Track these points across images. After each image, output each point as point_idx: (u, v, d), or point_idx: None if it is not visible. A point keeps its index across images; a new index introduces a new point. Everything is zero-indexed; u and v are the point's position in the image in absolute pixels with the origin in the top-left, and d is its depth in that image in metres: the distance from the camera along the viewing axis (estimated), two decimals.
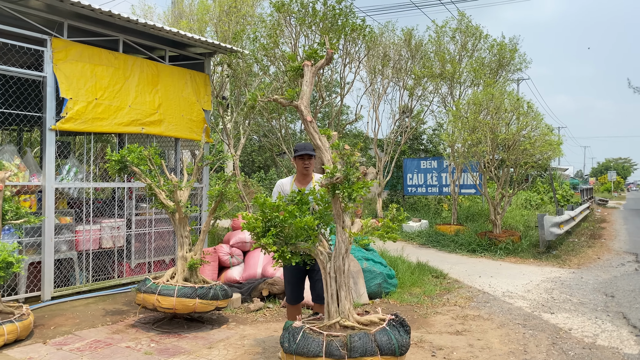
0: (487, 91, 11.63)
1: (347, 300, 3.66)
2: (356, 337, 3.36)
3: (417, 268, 8.68)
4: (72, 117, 6.53)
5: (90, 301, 6.62)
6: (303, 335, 3.47)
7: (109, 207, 7.71)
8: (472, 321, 6.02)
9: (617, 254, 11.42)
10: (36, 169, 6.83)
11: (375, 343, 3.34)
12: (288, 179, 4.78)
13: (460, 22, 14.29)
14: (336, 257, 3.73)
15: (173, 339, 5.22)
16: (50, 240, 6.43)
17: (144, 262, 7.77)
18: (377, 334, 3.42)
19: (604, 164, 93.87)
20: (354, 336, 3.37)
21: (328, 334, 3.43)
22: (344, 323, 3.58)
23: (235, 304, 6.48)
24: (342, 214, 3.75)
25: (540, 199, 20.86)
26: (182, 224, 5.75)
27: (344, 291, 3.66)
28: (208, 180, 8.56)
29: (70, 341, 5.08)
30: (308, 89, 4.13)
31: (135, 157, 5.60)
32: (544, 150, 10.93)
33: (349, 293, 3.69)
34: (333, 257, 3.73)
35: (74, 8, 6.42)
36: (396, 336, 3.46)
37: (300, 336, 3.47)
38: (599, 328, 5.75)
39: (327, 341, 3.37)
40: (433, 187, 16.66)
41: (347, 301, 3.65)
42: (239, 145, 11.17)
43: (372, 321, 3.65)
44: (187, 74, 8.17)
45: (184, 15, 12.60)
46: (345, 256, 3.69)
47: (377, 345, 3.34)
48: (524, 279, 8.60)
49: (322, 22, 9.42)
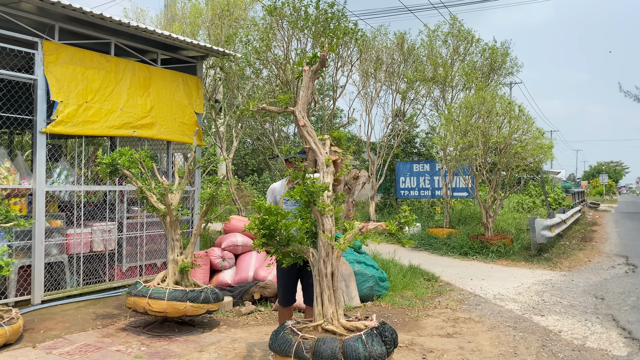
0: (479, 95, 11.69)
1: (331, 303, 3.65)
2: (322, 341, 3.35)
3: (409, 271, 8.70)
4: (63, 120, 6.52)
5: (81, 305, 6.59)
6: (282, 334, 3.57)
7: (101, 211, 7.68)
8: (463, 324, 6.04)
9: (608, 256, 11.49)
10: (27, 172, 6.80)
11: (340, 350, 3.30)
12: (280, 182, 4.81)
13: (452, 26, 14.38)
14: (318, 261, 3.74)
15: (164, 342, 5.21)
16: (40, 243, 6.40)
17: (135, 265, 7.75)
18: (346, 341, 3.36)
19: (596, 168, 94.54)
20: (320, 340, 3.37)
21: (302, 336, 3.47)
22: (326, 327, 3.58)
23: (227, 308, 6.46)
24: (320, 217, 3.76)
25: (532, 202, 20.97)
26: (173, 227, 5.74)
27: (327, 294, 3.65)
28: (200, 183, 8.54)
29: (60, 345, 5.05)
30: (304, 93, 4.15)
31: (126, 160, 5.59)
32: (535, 154, 11.00)
33: (333, 296, 3.68)
34: (317, 260, 3.74)
35: (65, 11, 6.41)
36: (367, 346, 3.36)
37: (280, 334, 3.59)
38: (589, 330, 5.79)
39: (298, 342, 3.41)
40: (426, 190, 16.71)
41: (330, 304, 3.65)
42: (231, 149, 11.17)
43: (358, 327, 3.61)
44: (180, 77, 8.17)
45: (176, 19, 12.60)
46: (326, 259, 3.68)
47: (342, 353, 3.29)
48: (515, 281, 8.64)
49: (314, 25, 9.44)
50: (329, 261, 3.68)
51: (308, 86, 4.12)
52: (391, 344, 3.52)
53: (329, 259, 3.68)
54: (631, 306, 6.87)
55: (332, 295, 3.66)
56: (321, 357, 3.28)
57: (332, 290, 3.67)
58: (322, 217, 3.78)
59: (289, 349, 3.42)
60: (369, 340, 3.38)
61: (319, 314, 3.67)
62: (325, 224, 3.78)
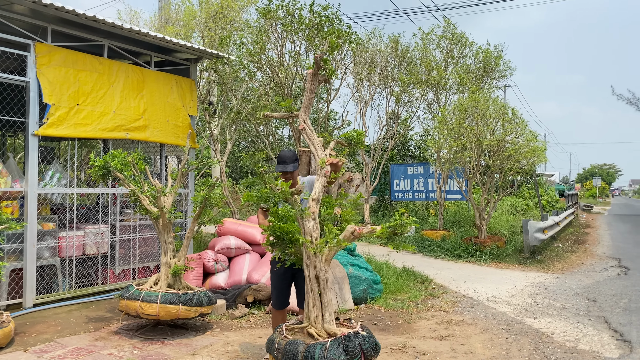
0: (472, 98, 11.74)
1: (315, 307, 3.66)
2: (288, 344, 3.51)
3: (402, 273, 8.71)
4: (55, 123, 6.49)
5: (73, 308, 6.56)
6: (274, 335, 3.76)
7: (93, 213, 7.65)
8: (456, 326, 6.05)
9: (601, 259, 11.55)
10: (19, 175, 6.76)
11: (301, 354, 3.39)
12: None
13: (445, 30, 14.43)
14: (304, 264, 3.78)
15: (156, 345, 5.19)
16: (32, 246, 6.36)
17: (128, 268, 7.71)
18: (310, 346, 3.43)
19: (589, 170, 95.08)
20: (287, 342, 3.52)
21: (284, 337, 3.65)
22: (309, 330, 3.61)
23: (220, 311, 6.45)
24: (300, 220, 3.79)
25: (525, 204, 21.04)
26: (166, 230, 5.73)
27: (311, 298, 3.67)
28: (194, 186, 8.52)
29: (51, 349, 5.02)
30: (306, 97, 4.16)
31: (118, 162, 5.57)
32: (528, 157, 11.05)
33: (318, 300, 3.69)
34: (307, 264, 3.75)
35: (58, 13, 6.39)
36: (325, 354, 3.36)
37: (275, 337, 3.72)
38: (581, 332, 5.81)
39: (278, 342, 3.62)
40: (420, 193, 16.74)
41: (314, 308, 3.66)
42: (225, 151, 11.15)
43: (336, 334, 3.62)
44: (173, 80, 8.16)
45: (170, 21, 12.59)
46: (309, 262, 3.71)
47: (302, 357, 3.38)
48: (508, 284, 8.66)
49: (308, 28, 9.45)
50: (311, 264, 3.68)
51: (311, 89, 4.12)
52: (354, 354, 3.43)
53: (312, 262, 3.68)
54: (623, 308, 6.91)
55: (316, 298, 3.66)
56: (285, 357, 3.47)
57: (317, 293, 3.67)
58: (302, 220, 3.78)
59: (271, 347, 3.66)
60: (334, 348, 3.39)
61: (306, 316, 3.71)
62: (305, 227, 3.77)
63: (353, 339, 3.50)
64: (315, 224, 3.83)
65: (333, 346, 3.40)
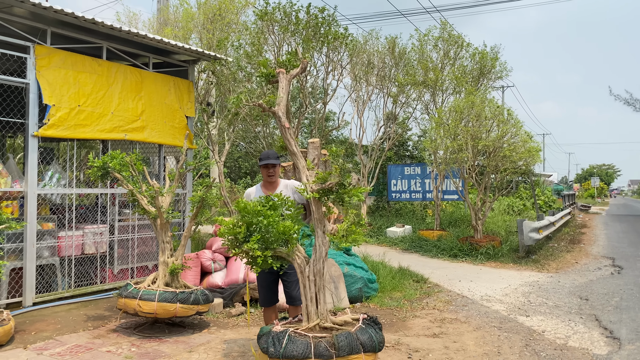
0: (468, 99, 11.84)
1: (325, 302, 3.77)
2: (342, 336, 3.47)
3: (398, 273, 8.80)
4: (55, 124, 6.58)
5: (72, 307, 6.65)
6: (289, 339, 3.50)
7: (92, 213, 7.74)
8: (450, 324, 6.15)
9: (595, 258, 11.66)
10: (18, 175, 6.85)
11: (359, 341, 3.47)
12: (255, 187, 4.97)
13: (442, 31, 14.53)
14: (317, 261, 3.82)
15: (154, 343, 5.28)
16: (32, 246, 6.45)
17: (127, 267, 7.80)
18: (358, 332, 3.54)
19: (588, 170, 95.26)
20: (339, 336, 3.47)
21: (314, 336, 3.51)
22: (324, 324, 3.70)
23: (217, 309, 6.54)
24: (323, 218, 3.86)
25: (522, 204, 21.15)
26: (163, 229, 5.82)
27: (323, 294, 3.77)
28: (192, 186, 8.61)
29: (50, 346, 5.11)
30: (285, 96, 4.25)
31: (117, 163, 5.66)
32: (523, 157, 11.15)
33: (324, 296, 3.79)
34: (313, 261, 3.82)
35: (57, 15, 6.49)
36: (374, 334, 3.60)
37: (286, 340, 3.50)
38: (572, 330, 5.91)
39: (315, 342, 3.44)
40: (417, 193, 16.84)
41: (324, 303, 3.76)
42: (223, 152, 11.24)
43: (346, 321, 3.76)
44: (171, 81, 8.25)
45: (169, 23, 12.68)
46: (325, 259, 3.80)
47: (361, 343, 3.47)
48: (502, 283, 8.76)
49: (304, 30, 9.55)
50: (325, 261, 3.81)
51: (286, 88, 4.23)
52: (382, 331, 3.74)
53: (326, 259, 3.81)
54: (614, 306, 7.01)
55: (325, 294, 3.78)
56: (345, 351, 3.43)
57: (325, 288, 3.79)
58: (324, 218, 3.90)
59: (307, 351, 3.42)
60: (371, 329, 3.64)
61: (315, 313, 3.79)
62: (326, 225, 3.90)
63: (376, 320, 3.75)
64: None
65: (370, 327, 3.64)
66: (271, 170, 4.78)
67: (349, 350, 3.41)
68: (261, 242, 3.75)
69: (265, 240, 3.78)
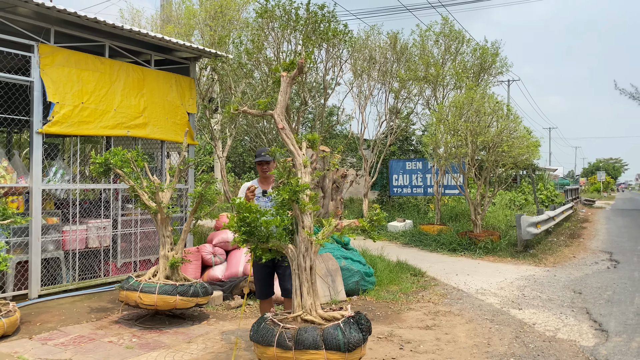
0: (468, 94, 11.93)
1: (310, 295, 3.90)
2: (304, 330, 3.58)
3: (396, 266, 8.95)
4: (59, 121, 6.75)
5: (77, 299, 6.84)
6: (263, 325, 3.75)
7: (96, 208, 7.92)
8: (443, 317, 6.29)
9: (593, 252, 11.76)
10: (24, 171, 7.04)
11: (321, 337, 3.54)
12: (253, 181, 5.15)
13: (443, 26, 14.60)
14: (297, 256, 3.98)
15: (154, 334, 5.46)
16: (37, 240, 6.64)
17: (130, 261, 7.99)
18: (326, 329, 3.60)
19: (595, 164, 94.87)
20: (302, 330, 3.59)
21: (283, 326, 3.68)
22: (305, 317, 3.83)
23: (217, 302, 6.72)
24: (300, 214, 4.01)
25: (524, 199, 21.22)
26: (164, 224, 5.99)
27: (306, 287, 3.91)
28: (194, 181, 8.78)
29: (55, 336, 5.30)
30: (282, 98, 4.41)
31: (118, 159, 5.83)
32: (522, 152, 11.24)
33: (312, 289, 3.93)
34: (296, 256, 3.98)
35: (60, 15, 6.64)
36: (346, 333, 3.59)
37: (261, 325, 3.77)
38: (562, 322, 6.04)
39: (280, 332, 3.62)
40: (418, 188, 16.95)
41: (309, 296, 3.90)
42: (225, 147, 11.40)
43: (335, 317, 3.87)
44: (173, 78, 8.40)
45: (171, 20, 12.82)
46: (306, 254, 3.94)
47: (323, 340, 3.54)
48: (499, 276, 8.89)
49: (304, 27, 9.67)
50: (308, 256, 3.93)
51: (285, 91, 4.38)
52: (367, 331, 3.79)
53: (308, 253, 3.93)
54: (606, 300, 7.14)
55: (310, 287, 3.91)
56: (303, 345, 3.52)
57: (311, 282, 3.92)
58: (302, 215, 4.03)
59: (271, 339, 3.63)
60: (347, 328, 3.64)
61: (299, 305, 3.93)
62: (305, 221, 4.03)
63: (362, 317, 3.81)
64: (312, 219, 4.09)
65: (348, 326, 3.66)
66: (265, 167, 4.99)
67: (308, 345, 3.51)
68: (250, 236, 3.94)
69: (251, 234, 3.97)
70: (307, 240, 3.94)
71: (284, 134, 4.25)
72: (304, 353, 3.51)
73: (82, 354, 4.80)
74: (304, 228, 3.98)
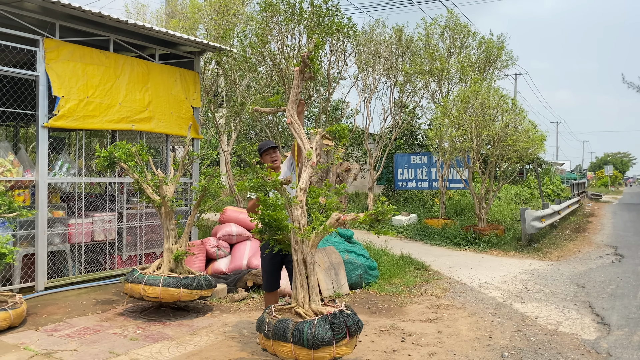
0: (473, 88, 11.89)
1: (303, 289, 3.95)
2: (279, 322, 3.78)
3: (400, 260, 8.97)
4: (64, 115, 6.81)
5: (82, 291, 6.92)
6: (263, 314, 4.03)
7: (101, 201, 7.99)
8: (445, 310, 6.32)
9: (598, 247, 11.73)
10: (30, 165, 7.11)
11: (291, 332, 3.68)
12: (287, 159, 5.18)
13: (449, 20, 14.53)
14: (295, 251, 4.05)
15: (158, 326, 5.52)
16: (43, 233, 6.71)
17: (135, 254, 8.06)
18: (298, 324, 3.71)
19: (602, 159, 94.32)
20: (279, 321, 3.80)
21: (274, 316, 3.91)
22: (297, 310, 3.91)
23: (221, 294, 6.77)
24: (288, 208, 4.07)
25: (530, 193, 21.15)
26: (168, 217, 6.04)
27: (299, 280, 3.96)
28: (198, 175, 8.83)
29: (60, 328, 5.38)
30: (293, 92, 4.44)
31: (122, 153, 5.88)
32: (526, 146, 11.22)
33: (306, 282, 3.98)
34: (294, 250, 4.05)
35: (65, 9, 6.68)
36: (313, 330, 3.63)
37: (263, 314, 4.03)
38: (564, 316, 6.06)
39: (268, 321, 3.88)
40: (423, 182, 16.95)
41: (301, 290, 3.95)
42: (230, 141, 11.44)
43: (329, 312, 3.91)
44: (177, 72, 8.44)
45: (176, 14, 12.84)
46: (297, 247, 3.99)
47: (292, 334, 3.67)
48: (502, 270, 8.90)
49: (308, 21, 9.66)
50: (299, 249, 3.96)
51: (297, 86, 4.40)
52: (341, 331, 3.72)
53: (299, 247, 3.96)
54: (609, 294, 7.14)
55: (303, 281, 3.95)
56: (276, 335, 3.75)
57: (305, 276, 3.95)
58: (290, 208, 4.07)
59: (260, 326, 3.95)
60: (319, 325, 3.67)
61: (293, 297, 4.00)
62: (294, 215, 4.07)
63: (339, 317, 3.80)
64: (303, 212, 4.11)
65: (320, 323, 3.69)
66: (273, 155, 5.01)
67: (279, 337, 3.72)
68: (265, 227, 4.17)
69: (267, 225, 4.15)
70: (295, 234, 3.99)
71: (293, 128, 4.30)
72: (277, 344, 3.76)
73: (87, 345, 4.86)
74: (292, 221, 4.04)
